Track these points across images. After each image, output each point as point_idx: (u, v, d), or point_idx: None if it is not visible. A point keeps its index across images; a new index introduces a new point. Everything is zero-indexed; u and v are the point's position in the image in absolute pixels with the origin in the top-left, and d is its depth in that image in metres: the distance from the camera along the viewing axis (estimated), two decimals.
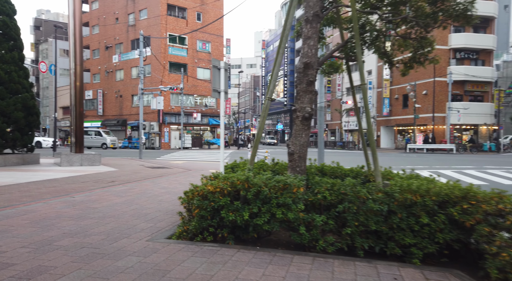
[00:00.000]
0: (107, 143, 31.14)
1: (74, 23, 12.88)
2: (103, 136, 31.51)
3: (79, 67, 13.01)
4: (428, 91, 32.01)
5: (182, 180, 9.00)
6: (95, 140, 31.10)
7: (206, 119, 37.25)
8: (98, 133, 31.73)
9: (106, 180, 8.56)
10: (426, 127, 32.57)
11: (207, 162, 16.52)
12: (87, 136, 31.11)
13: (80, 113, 13.07)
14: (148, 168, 12.17)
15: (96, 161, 12.97)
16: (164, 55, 33.88)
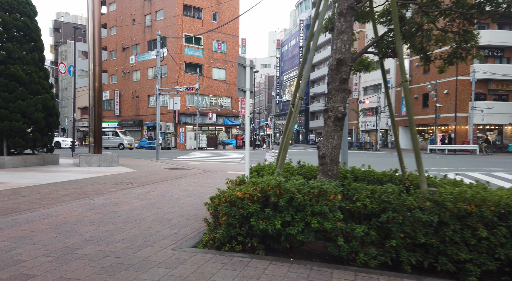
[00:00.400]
0: (124, 143, 31.42)
1: (93, 24, 12.90)
2: (120, 137, 31.80)
3: (98, 68, 13.03)
4: (450, 90, 31.00)
5: (201, 182, 8.80)
6: (112, 140, 31.42)
7: (221, 119, 37.18)
8: (115, 134, 32.05)
9: (125, 182, 8.44)
10: (448, 128, 31.56)
11: (224, 163, 16.33)
12: (104, 136, 31.50)
13: (99, 114, 13.08)
14: (166, 169, 12.06)
15: (114, 161, 12.95)
16: (180, 56, 33.98)
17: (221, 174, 10.94)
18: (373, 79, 42.18)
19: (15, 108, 11.54)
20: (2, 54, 11.67)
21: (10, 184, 7.68)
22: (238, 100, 38.98)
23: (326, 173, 4.28)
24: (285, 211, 3.40)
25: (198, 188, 7.63)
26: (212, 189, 7.49)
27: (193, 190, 7.34)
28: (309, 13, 64.59)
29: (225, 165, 15.10)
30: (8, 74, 11.57)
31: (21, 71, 11.75)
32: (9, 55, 11.71)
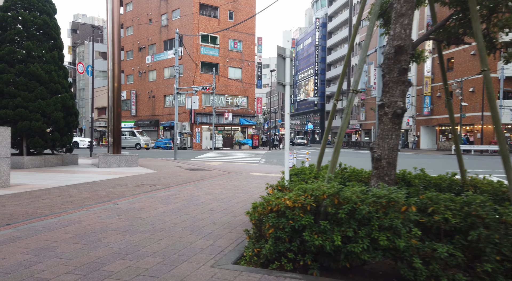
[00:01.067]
0: (140, 143, 31.37)
1: (113, 23, 12.65)
2: (137, 137, 31.76)
3: (117, 67, 12.78)
4: (475, 88, 29.76)
5: (225, 184, 8.35)
6: (129, 140, 31.43)
7: (237, 119, 36.81)
8: (132, 134, 32.03)
9: (147, 184, 8.06)
10: (474, 127, 30.30)
11: (244, 164, 15.89)
12: (121, 136, 31.65)
13: (118, 114, 12.83)
14: (187, 170, 11.67)
15: (133, 162, 12.67)
16: (196, 55, 33.77)
17: (244, 175, 10.48)
18: None
19: (34, 108, 11.37)
20: (22, 52, 11.53)
21: (30, 186, 7.41)
22: (254, 99, 38.53)
23: (382, 177, 3.74)
24: (346, 225, 2.89)
25: (224, 191, 7.17)
26: (240, 192, 7.03)
27: (220, 193, 6.89)
28: (325, 11, 63.62)
29: (245, 166, 14.65)
30: (28, 73, 11.41)
31: (40, 70, 11.57)
32: (28, 53, 11.55)
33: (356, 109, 50.14)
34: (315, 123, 67.55)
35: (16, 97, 11.24)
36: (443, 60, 4.56)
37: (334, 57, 59.68)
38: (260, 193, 6.92)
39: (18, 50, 11.53)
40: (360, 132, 49.36)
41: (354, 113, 51.14)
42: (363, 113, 46.89)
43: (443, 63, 4.56)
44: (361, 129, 49.03)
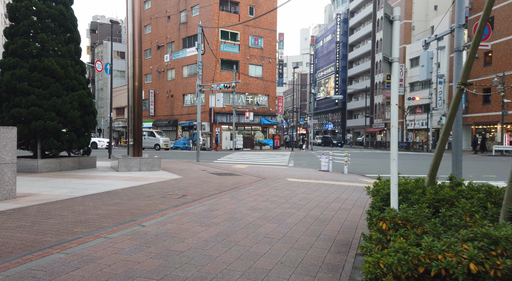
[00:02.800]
0: (160, 144, 30.38)
1: (133, 13, 11.52)
2: (156, 137, 30.79)
3: (138, 65, 11.64)
4: None
5: (266, 194, 7.01)
6: (148, 141, 30.53)
7: (258, 118, 35.50)
8: (151, 134, 31.09)
9: (175, 194, 6.81)
10: None
11: (272, 167, 14.53)
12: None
13: (139, 114, 11.74)
14: (214, 175, 10.41)
15: (155, 165, 11.51)
16: (216, 52, 32.64)
17: (282, 182, 9.12)
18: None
19: (49, 106, 10.36)
20: (36, 46, 10.53)
21: (40, 197, 6.27)
22: (275, 98, 37.14)
23: None
24: None
25: (270, 206, 5.83)
26: (289, 207, 5.67)
27: (266, 209, 5.55)
28: (347, 6, 61.53)
29: (275, 169, 13.29)
30: (42, 68, 10.40)
31: (56, 65, 10.55)
32: (43, 47, 10.55)
33: (381, 108, 47.98)
34: (335, 123, 65.52)
35: (30, 94, 10.25)
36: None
37: (356, 54, 57.57)
38: (315, 208, 5.56)
39: (32, 43, 10.54)
40: (385, 132, 47.18)
41: (379, 112, 48.99)
42: (388, 112, 44.71)
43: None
44: (386, 128, 46.84)
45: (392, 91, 3.49)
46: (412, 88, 41.01)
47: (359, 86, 56.01)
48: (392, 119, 3.52)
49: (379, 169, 14.31)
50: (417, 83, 40.13)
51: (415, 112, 37.64)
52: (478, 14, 31.65)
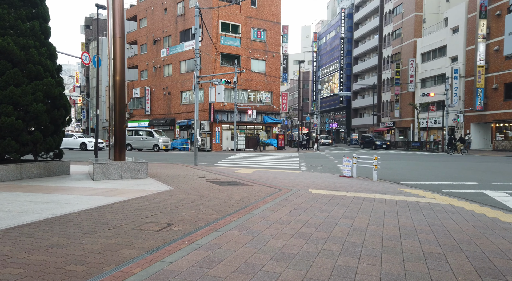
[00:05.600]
0: (159, 144, 27.67)
1: None
2: (155, 137, 28.09)
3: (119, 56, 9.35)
4: None
5: (292, 219, 4.74)
6: (146, 141, 28.01)
7: (261, 117, 33.23)
8: (150, 134, 28.36)
9: (156, 221, 4.52)
10: None
11: (284, 171, 12.26)
12: (138, 137, 28.24)
13: (121, 111, 9.44)
14: (216, 185, 8.14)
15: (141, 171, 9.23)
16: (216, 46, 30.35)
17: (305, 196, 6.86)
18: (434, 69, 36.54)
19: (4, 98, 8.11)
20: None
21: None
22: (279, 95, 34.85)
23: None
24: None
25: (307, 248, 3.56)
26: (339, 252, 3.35)
27: (302, 255, 3.27)
28: (351, 1, 59.24)
29: (288, 175, 11.02)
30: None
31: (13, 45, 8.29)
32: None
33: (389, 106, 45.70)
34: (339, 122, 63.22)
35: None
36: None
37: (362, 50, 55.28)
38: (385, 254, 3.25)
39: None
40: (393, 131, 44.91)
41: (387, 110, 46.71)
42: (398, 110, 42.48)
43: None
44: (395, 127, 44.58)
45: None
46: (423, 85, 38.74)
47: (365, 83, 53.73)
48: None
49: (410, 174, 12.04)
50: (429, 78, 37.86)
51: (428, 110, 35.37)
52: (498, 3, 29.39)
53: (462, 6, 33.04)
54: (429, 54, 37.71)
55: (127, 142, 28.07)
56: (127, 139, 28.25)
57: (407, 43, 41.35)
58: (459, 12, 33.34)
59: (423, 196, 7.36)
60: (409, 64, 39.19)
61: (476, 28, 30.67)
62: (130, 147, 28.10)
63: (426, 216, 5.32)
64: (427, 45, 37.73)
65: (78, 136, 29.43)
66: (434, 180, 10.50)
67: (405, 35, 41.83)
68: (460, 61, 32.90)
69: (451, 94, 31.67)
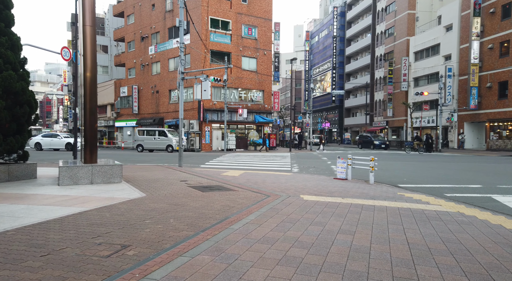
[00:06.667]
0: (173, 145, 25.62)
1: None
2: (169, 137, 25.92)
3: (90, 30, 8.42)
4: None
5: (279, 237, 3.91)
6: (158, 142, 26.08)
7: (252, 116, 32.38)
8: (162, 133, 26.19)
9: (108, 242, 3.63)
10: None
11: (274, 173, 11.43)
12: (149, 137, 26.36)
13: (92, 109, 8.51)
14: (195, 190, 7.26)
15: (114, 175, 8.30)
16: (205, 42, 29.40)
17: (296, 203, 6.03)
18: (427, 67, 36.11)
19: None
20: None
21: None
22: (271, 94, 34.04)
23: None
24: None
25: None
26: None
27: None
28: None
29: (278, 177, 10.19)
30: None
31: None
32: None
33: (382, 105, 45.25)
34: (332, 121, 62.67)
35: None
36: None
37: (354, 48, 54.80)
38: None
39: None
40: (386, 130, 44.46)
41: (380, 109, 46.25)
42: (391, 109, 42.01)
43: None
44: (387, 127, 44.14)
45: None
46: (417, 83, 38.31)
47: (358, 82, 53.27)
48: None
49: (408, 176, 11.32)
50: (423, 77, 37.44)
51: (421, 109, 34.91)
52: (492, 1, 29.00)
53: (455, 3, 32.64)
54: (422, 53, 37.30)
55: (138, 142, 26.75)
56: (138, 140, 26.80)
57: (400, 41, 40.92)
58: (452, 10, 32.93)
59: (426, 202, 6.60)
60: (402, 63, 38.74)
61: (470, 26, 30.26)
62: (141, 147, 26.57)
63: (437, 228, 4.53)
64: (420, 43, 37.31)
65: (64, 136, 27.97)
66: (434, 182, 9.77)
67: (398, 33, 41.39)
68: (454, 59, 32.49)
69: (445, 93, 31.24)
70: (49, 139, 27.33)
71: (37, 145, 27.04)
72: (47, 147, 27.04)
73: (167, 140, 25.98)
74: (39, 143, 27.01)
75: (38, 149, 26.92)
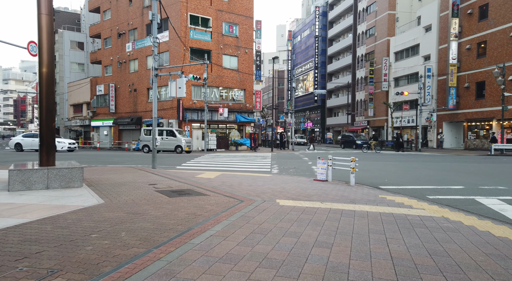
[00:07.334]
0: (182, 145, 24.08)
1: None
2: (177, 137, 24.32)
3: (46, 19, 7.64)
4: None
5: (245, 254, 3.37)
6: (166, 142, 24.41)
7: (233, 115, 31.77)
8: (171, 133, 24.63)
9: (36, 266, 2.99)
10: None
11: (252, 175, 10.89)
12: (157, 137, 24.76)
13: (48, 108, 7.74)
14: (162, 195, 6.63)
15: (74, 179, 7.55)
16: (185, 40, 28.58)
17: (270, 210, 5.51)
18: (407, 68, 36.47)
19: None
20: None
21: None
22: (252, 93, 33.52)
23: None
24: None
25: None
26: None
27: None
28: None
29: (256, 179, 9.66)
30: None
31: None
32: None
33: (363, 105, 45.50)
34: (314, 121, 62.78)
35: None
36: None
37: (336, 48, 55.00)
38: None
39: None
40: (367, 130, 44.74)
41: (361, 109, 46.52)
42: (372, 109, 42.28)
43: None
44: (369, 126, 44.41)
45: None
46: (397, 83, 38.66)
47: (340, 82, 53.48)
48: None
49: (389, 177, 11.01)
50: (403, 77, 37.80)
51: (402, 109, 35.21)
52: (470, 2, 29.45)
53: (434, 4, 33.03)
54: (402, 53, 37.64)
55: (145, 143, 24.88)
56: (144, 140, 24.97)
57: (381, 42, 41.20)
58: (431, 11, 33.32)
59: (409, 205, 6.21)
60: (382, 63, 39.00)
61: (448, 26, 30.65)
62: (147, 148, 24.98)
63: (422, 237, 4.10)
64: (400, 44, 37.65)
65: None
66: (416, 183, 9.48)
67: (378, 34, 41.68)
68: (433, 60, 32.88)
69: (424, 93, 31.56)
70: (30, 140, 25.57)
71: (17, 145, 25.26)
72: (28, 147, 25.35)
73: (176, 140, 24.43)
74: (19, 143, 25.25)
75: (18, 150, 25.20)
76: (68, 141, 26.21)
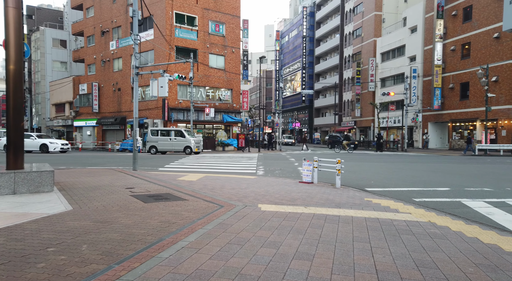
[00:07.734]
0: (191, 146, 23.11)
1: None
2: (186, 138, 23.32)
3: (14, 12, 7.16)
4: (499, 77, 25.64)
5: (216, 269, 3.07)
6: (174, 143, 23.48)
7: (220, 115, 31.39)
8: (179, 134, 23.64)
9: None
10: (498, 123, 26.20)
11: (237, 177, 10.57)
12: (164, 138, 23.63)
13: (16, 107, 7.25)
14: (137, 201, 6.25)
15: (44, 183, 7.09)
16: (170, 38, 28.05)
17: (250, 216, 5.21)
18: (393, 68, 36.74)
19: None
20: None
21: None
22: (239, 93, 33.19)
23: None
24: None
25: None
26: None
27: None
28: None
29: (240, 181, 9.35)
30: None
31: None
32: None
33: (350, 105, 45.71)
34: (302, 121, 62.84)
35: None
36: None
37: (323, 49, 55.15)
38: None
39: None
40: (355, 131, 44.96)
41: (348, 109, 46.72)
42: (358, 110, 42.49)
43: None
44: (355, 127, 44.63)
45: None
46: (383, 84, 38.92)
47: (327, 82, 53.64)
48: None
49: (375, 178, 10.86)
50: (389, 78, 38.07)
51: (388, 109, 35.43)
52: (454, 3, 29.82)
53: (420, 6, 33.35)
54: (389, 54, 37.91)
55: (152, 144, 23.71)
56: (151, 141, 23.77)
57: (367, 42, 41.43)
58: (417, 12, 33.63)
59: (395, 209, 6.01)
60: (369, 64, 39.21)
61: (433, 28, 30.97)
62: (155, 149, 23.90)
63: (409, 246, 3.86)
64: (386, 44, 37.91)
65: (37, 137, 24.57)
66: (402, 185, 9.33)
67: (365, 34, 41.91)
68: (418, 60, 33.19)
69: (410, 94, 31.81)
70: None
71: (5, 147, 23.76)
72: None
73: (184, 141, 23.46)
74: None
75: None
76: (61, 142, 25.20)
